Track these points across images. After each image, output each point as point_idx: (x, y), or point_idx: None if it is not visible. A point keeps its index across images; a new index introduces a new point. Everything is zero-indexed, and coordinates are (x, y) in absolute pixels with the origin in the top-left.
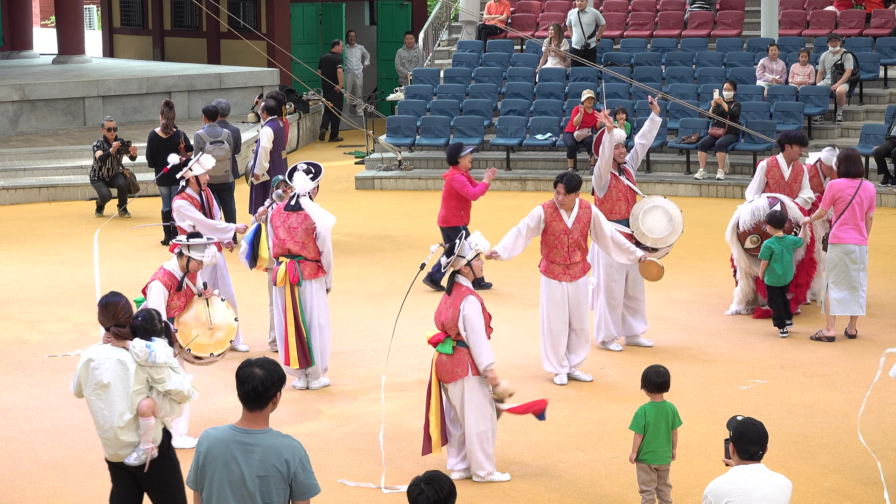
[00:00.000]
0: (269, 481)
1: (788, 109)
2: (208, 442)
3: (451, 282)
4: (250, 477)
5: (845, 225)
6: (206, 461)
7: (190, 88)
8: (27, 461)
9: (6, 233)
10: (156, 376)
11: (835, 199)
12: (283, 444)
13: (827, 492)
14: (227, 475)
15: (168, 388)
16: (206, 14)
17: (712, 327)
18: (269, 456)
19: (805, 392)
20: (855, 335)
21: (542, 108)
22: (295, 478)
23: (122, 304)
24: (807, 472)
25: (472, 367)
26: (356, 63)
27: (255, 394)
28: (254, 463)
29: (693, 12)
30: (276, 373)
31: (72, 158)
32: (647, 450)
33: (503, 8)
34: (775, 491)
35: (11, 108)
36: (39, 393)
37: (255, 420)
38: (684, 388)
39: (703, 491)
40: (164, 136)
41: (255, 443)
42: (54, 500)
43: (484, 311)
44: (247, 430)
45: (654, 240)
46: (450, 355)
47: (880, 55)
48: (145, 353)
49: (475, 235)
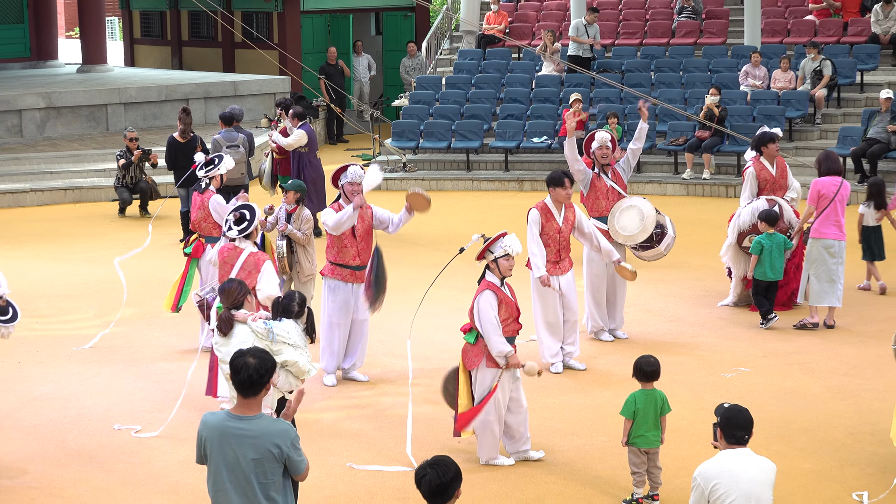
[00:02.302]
0: (263, 463)
1: (770, 113)
2: (207, 428)
3: (481, 276)
4: (245, 460)
5: (826, 220)
6: (206, 444)
7: (206, 95)
8: (55, 447)
9: (34, 232)
10: (273, 347)
11: (819, 196)
12: (275, 429)
13: (807, 473)
14: (223, 459)
15: (284, 360)
16: (221, 25)
17: (698, 319)
18: (262, 440)
19: (786, 379)
20: (833, 325)
21: (538, 113)
22: (288, 458)
23: (235, 288)
24: (788, 455)
25: (486, 358)
26: (363, 71)
27: (250, 382)
28: (248, 447)
29: (680, 21)
30: (268, 361)
31: (95, 162)
32: (636, 434)
33: (501, 18)
34: (760, 473)
35: (38, 115)
36: (66, 383)
37: (248, 406)
38: (672, 376)
39: (693, 474)
40: (181, 141)
41: (248, 428)
42: (81, 484)
43: (510, 305)
44: (241, 416)
45: (624, 237)
46: (472, 344)
47: (857, 62)
48: (265, 330)
49: (510, 237)
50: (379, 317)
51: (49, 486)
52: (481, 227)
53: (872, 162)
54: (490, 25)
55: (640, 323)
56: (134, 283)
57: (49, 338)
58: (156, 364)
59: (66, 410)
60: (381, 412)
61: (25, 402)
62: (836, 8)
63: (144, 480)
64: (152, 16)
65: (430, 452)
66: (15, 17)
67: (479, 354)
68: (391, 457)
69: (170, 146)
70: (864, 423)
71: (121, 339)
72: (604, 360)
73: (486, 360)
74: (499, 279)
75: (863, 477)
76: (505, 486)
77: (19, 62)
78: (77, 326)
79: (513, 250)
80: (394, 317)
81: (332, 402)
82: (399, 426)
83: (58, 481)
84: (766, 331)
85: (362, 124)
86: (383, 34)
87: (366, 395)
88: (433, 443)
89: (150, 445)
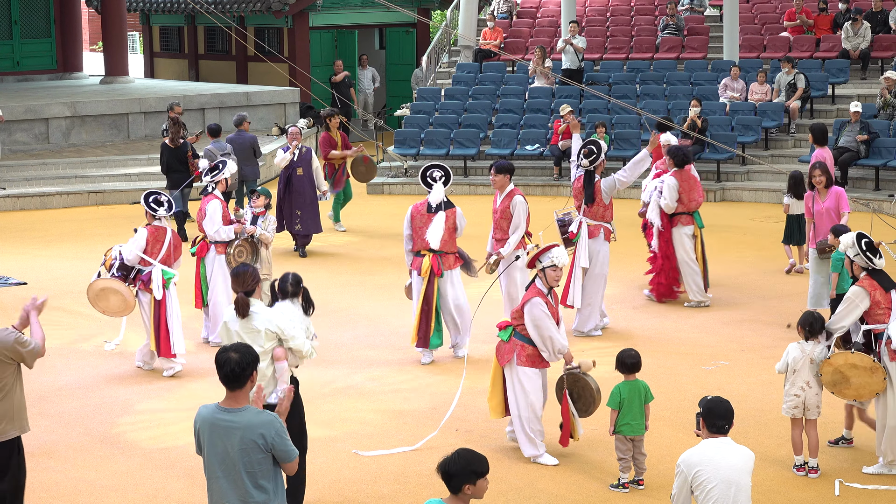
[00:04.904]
0: (250, 453)
1: (748, 123)
2: (200, 419)
3: (531, 281)
4: (233, 450)
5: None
6: (200, 435)
7: (221, 105)
8: (79, 433)
9: (60, 232)
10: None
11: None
12: (260, 421)
13: (782, 459)
14: (214, 449)
15: (294, 346)
16: (235, 40)
17: (679, 315)
18: (247, 432)
19: (762, 372)
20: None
21: (531, 123)
22: (274, 447)
23: (250, 273)
24: (765, 443)
25: (517, 357)
26: (367, 83)
27: (234, 375)
28: (234, 438)
29: (664, 38)
30: (250, 354)
31: (117, 167)
32: (622, 423)
33: (497, 34)
34: (740, 461)
35: (64, 123)
36: (88, 374)
37: (235, 398)
38: (656, 370)
39: (676, 461)
40: (172, 147)
41: (235, 420)
42: (103, 468)
43: (553, 314)
44: (228, 409)
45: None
46: (505, 342)
47: (828, 75)
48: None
49: (558, 249)
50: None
51: (73, 469)
52: (480, 227)
53: (843, 169)
54: (486, 41)
55: (626, 319)
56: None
57: (73, 332)
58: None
59: (88, 399)
60: (383, 401)
61: (51, 392)
62: (810, 25)
63: (163, 464)
64: (171, 31)
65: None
66: (43, 31)
67: (510, 352)
68: (391, 444)
69: (162, 152)
70: (834, 412)
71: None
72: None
73: (518, 359)
74: (546, 287)
75: (835, 463)
76: (499, 471)
77: (46, 74)
78: (100, 322)
79: (559, 262)
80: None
81: (336, 391)
82: (400, 414)
83: (81, 466)
84: (742, 326)
85: (367, 132)
86: (386, 49)
87: (368, 385)
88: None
89: (169, 432)
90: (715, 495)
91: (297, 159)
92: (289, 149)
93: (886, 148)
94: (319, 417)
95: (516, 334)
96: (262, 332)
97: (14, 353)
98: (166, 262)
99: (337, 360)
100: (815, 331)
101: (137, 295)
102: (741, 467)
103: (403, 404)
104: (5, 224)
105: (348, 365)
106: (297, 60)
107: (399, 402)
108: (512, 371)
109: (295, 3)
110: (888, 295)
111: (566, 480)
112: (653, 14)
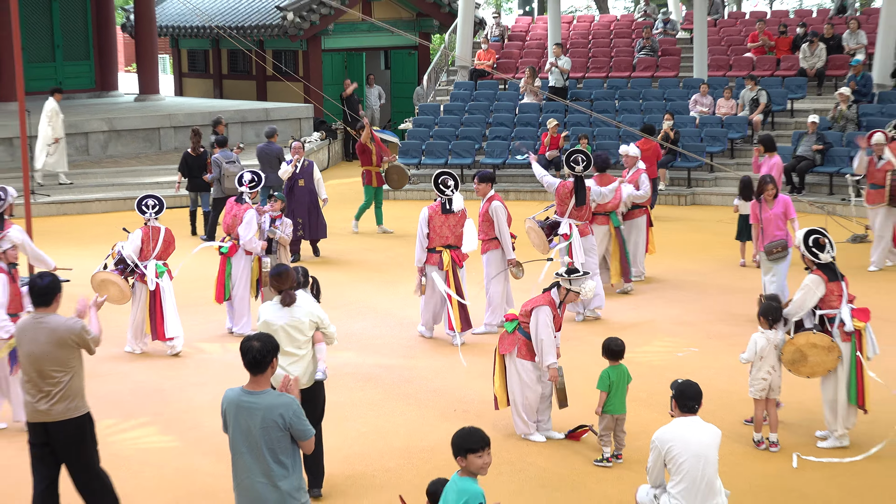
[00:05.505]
0: (270, 431)
1: (715, 135)
2: (226, 401)
3: (548, 287)
4: (255, 429)
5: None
6: (227, 415)
7: (243, 120)
8: (117, 415)
9: (97, 234)
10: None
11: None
12: (279, 402)
13: (745, 435)
14: (239, 427)
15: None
16: (255, 61)
17: (656, 307)
18: (268, 412)
19: (729, 357)
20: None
21: (521, 135)
22: (291, 426)
23: (290, 271)
24: (730, 421)
25: (518, 349)
26: (374, 100)
27: (256, 361)
28: (257, 418)
29: (640, 58)
30: (270, 343)
31: (150, 176)
32: (609, 403)
33: (490, 56)
34: (708, 437)
35: (102, 137)
36: (123, 362)
37: (258, 382)
38: (634, 355)
39: (651, 437)
40: (193, 155)
41: (257, 402)
42: (138, 445)
43: (556, 325)
44: (251, 391)
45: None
46: (509, 333)
47: (787, 91)
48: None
49: (592, 283)
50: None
51: (111, 447)
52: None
53: (801, 175)
54: (480, 61)
55: (608, 311)
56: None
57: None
58: (193, 349)
59: (124, 384)
60: (390, 384)
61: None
62: (771, 46)
63: (193, 442)
64: (197, 54)
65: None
66: (83, 55)
67: (513, 344)
68: (397, 423)
69: (184, 159)
70: (794, 393)
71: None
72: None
73: (518, 351)
74: (559, 300)
75: (793, 438)
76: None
77: (86, 93)
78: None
79: (585, 294)
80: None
81: (347, 375)
82: (405, 396)
83: (118, 443)
84: (711, 316)
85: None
86: (391, 69)
87: (376, 371)
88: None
89: (198, 412)
90: (686, 468)
91: (300, 171)
92: (291, 162)
93: (839, 156)
94: (332, 399)
95: (520, 329)
96: (307, 321)
97: (80, 340)
98: (161, 257)
99: (348, 347)
100: (776, 319)
101: (134, 286)
102: (709, 443)
103: (408, 387)
104: (49, 227)
105: (359, 351)
106: (310, 80)
107: (404, 385)
108: (512, 361)
109: (309, 28)
110: (838, 284)
111: (554, 455)
112: (630, 37)
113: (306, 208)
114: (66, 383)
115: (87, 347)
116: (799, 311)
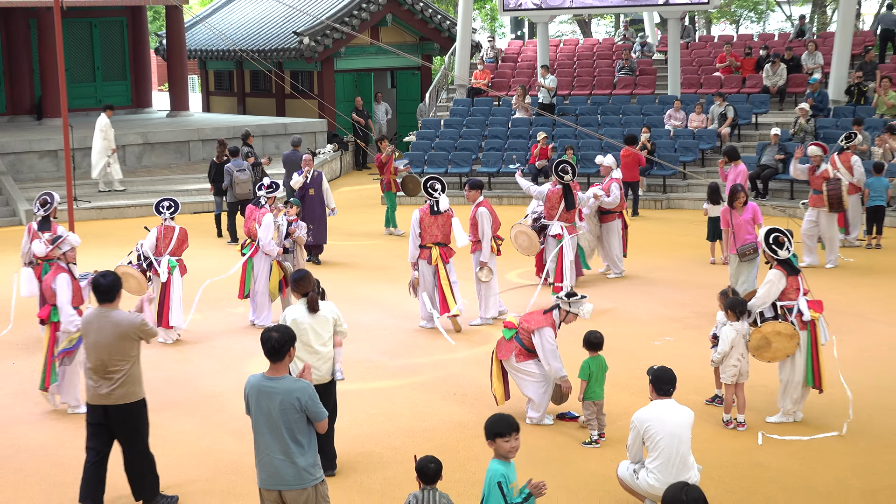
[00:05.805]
0: (288, 413)
1: (687, 146)
2: (249, 385)
3: (549, 308)
4: (275, 411)
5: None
6: (249, 398)
7: (264, 134)
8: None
9: (133, 237)
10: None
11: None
12: (296, 387)
13: (716, 416)
14: (260, 409)
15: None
16: (275, 81)
17: (634, 300)
18: (286, 396)
19: (701, 346)
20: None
21: (513, 147)
22: (307, 408)
23: (310, 276)
24: (702, 403)
25: (515, 356)
26: (382, 115)
27: (275, 350)
28: (276, 401)
29: (620, 77)
30: (287, 334)
31: (180, 184)
32: (590, 391)
33: (485, 75)
34: (682, 418)
35: (137, 149)
36: (154, 354)
37: (276, 369)
38: (614, 344)
39: (630, 418)
40: (218, 162)
41: (276, 386)
42: (170, 427)
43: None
44: (271, 378)
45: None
46: (506, 340)
47: (752, 107)
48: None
49: (588, 306)
50: (395, 299)
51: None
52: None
53: (765, 182)
54: (477, 80)
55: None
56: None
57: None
58: (219, 340)
59: (156, 372)
60: (394, 371)
61: None
62: (737, 66)
63: (219, 423)
64: (223, 74)
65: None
66: (120, 75)
67: (510, 351)
68: (402, 405)
69: (210, 166)
70: (758, 377)
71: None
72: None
73: (515, 357)
74: (559, 321)
75: (759, 418)
76: None
77: (123, 109)
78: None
79: (583, 316)
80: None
81: (355, 363)
82: (409, 383)
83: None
84: (685, 308)
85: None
86: (397, 87)
87: (382, 358)
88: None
89: (223, 396)
90: (662, 446)
91: (310, 181)
92: (302, 172)
93: None
94: (343, 385)
95: (517, 338)
96: (331, 319)
97: (140, 332)
98: (175, 253)
99: (358, 338)
100: (743, 311)
101: (150, 279)
102: (683, 423)
103: (412, 374)
104: (89, 231)
105: (368, 342)
106: (324, 97)
107: (409, 371)
108: (510, 366)
109: (323, 51)
110: (795, 278)
111: (544, 436)
112: (611, 58)
113: (317, 216)
114: (127, 371)
115: (145, 339)
116: (763, 304)
